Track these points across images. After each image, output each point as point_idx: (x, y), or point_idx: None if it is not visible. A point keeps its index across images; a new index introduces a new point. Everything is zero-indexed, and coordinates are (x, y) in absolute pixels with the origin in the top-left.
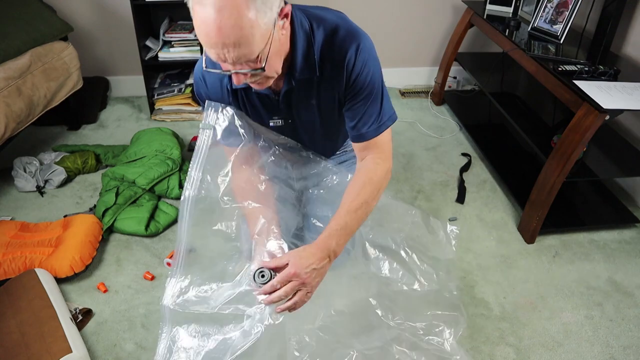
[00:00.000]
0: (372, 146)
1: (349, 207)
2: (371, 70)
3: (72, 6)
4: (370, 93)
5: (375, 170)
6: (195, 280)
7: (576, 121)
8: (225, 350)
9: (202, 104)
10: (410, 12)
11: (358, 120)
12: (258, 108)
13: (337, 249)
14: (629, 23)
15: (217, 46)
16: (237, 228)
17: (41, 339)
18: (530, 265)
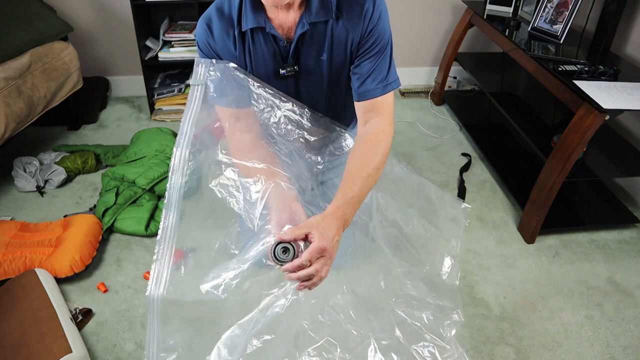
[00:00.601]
0: (378, 107)
1: (359, 174)
2: (386, 24)
3: (72, 6)
4: (383, 48)
5: (382, 134)
6: (189, 262)
7: (576, 121)
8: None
9: (201, 56)
10: (410, 12)
11: (367, 75)
12: (265, 56)
13: (350, 218)
14: (629, 23)
15: None
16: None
17: (41, 339)
18: (530, 265)
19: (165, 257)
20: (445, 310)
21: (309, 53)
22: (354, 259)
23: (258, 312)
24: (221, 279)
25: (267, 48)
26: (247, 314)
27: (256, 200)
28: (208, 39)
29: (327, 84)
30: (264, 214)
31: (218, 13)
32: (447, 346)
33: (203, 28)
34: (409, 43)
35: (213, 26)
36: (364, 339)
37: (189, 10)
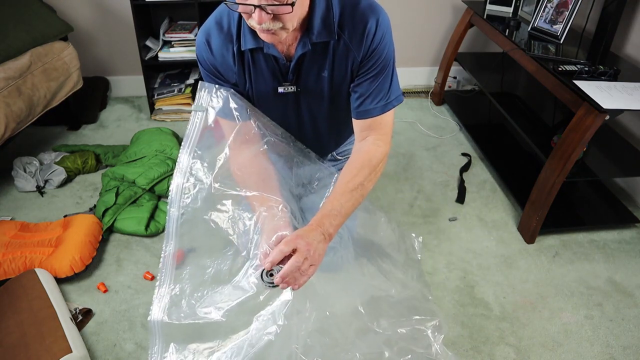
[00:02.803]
0: (376, 126)
1: (344, 188)
2: (388, 44)
3: (72, 6)
4: (384, 68)
5: (375, 152)
6: (187, 287)
7: (576, 121)
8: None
9: (202, 70)
10: (410, 12)
11: (367, 95)
12: (265, 74)
13: (332, 230)
14: (629, 23)
15: None
16: (232, 219)
17: (41, 339)
18: (530, 265)
19: (165, 283)
20: (426, 322)
21: (310, 70)
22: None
23: (249, 338)
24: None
25: (267, 66)
26: (239, 337)
27: (249, 228)
28: (207, 55)
29: (327, 100)
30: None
31: (217, 27)
32: (439, 351)
33: (202, 42)
34: (409, 43)
35: (212, 41)
36: (353, 358)
37: (189, 10)
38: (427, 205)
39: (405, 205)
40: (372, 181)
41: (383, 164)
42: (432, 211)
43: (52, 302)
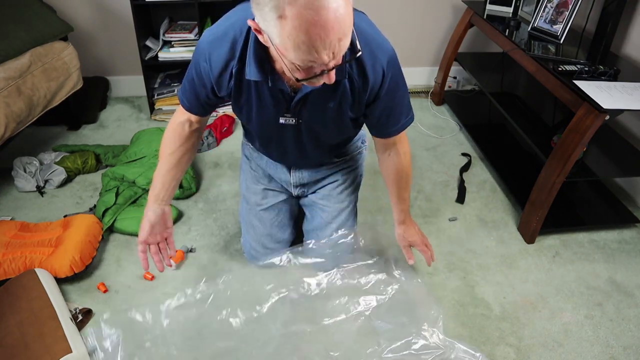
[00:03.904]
0: (397, 140)
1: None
2: (399, 79)
3: (72, 6)
4: (395, 98)
5: (406, 161)
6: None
7: (576, 121)
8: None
9: (192, 72)
10: (410, 12)
11: (382, 123)
12: (267, 103)
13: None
14: (629, 23)
15: (331, 44)
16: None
17: (41, 338)
18: (530, 265)
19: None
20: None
21: (316, 102)
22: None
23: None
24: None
25: (270, 95)
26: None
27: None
28: (205, 64)
29: (332, 126)
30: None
31: (223, 41)
32: (441, 345)
33: (205, 50)
34: (409, 43)
35: (214, 54)
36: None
37: (189, 10)
38: (427, 205)
39: None
40: (410, 176)
41: (410, 162)
42: (432, 211)
43: (52, 302)
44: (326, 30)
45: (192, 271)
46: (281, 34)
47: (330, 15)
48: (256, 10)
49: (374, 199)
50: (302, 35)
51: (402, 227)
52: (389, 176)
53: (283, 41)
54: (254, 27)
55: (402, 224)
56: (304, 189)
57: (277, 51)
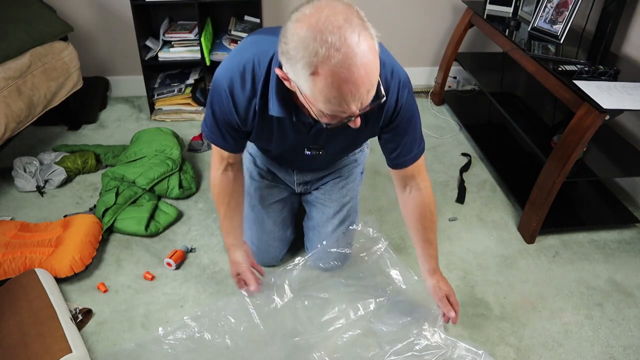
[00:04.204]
0: (414, 172)
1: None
2: (411, 106)
3: (72, 6)
4: (409, 123)
5: (428, 196)
6: None
7: (576, 121)
8: None
9: (216, 114)
10: (410, 12)
11: (399, 150)
12: (289, 133)
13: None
14: (629, 23)
15: (360, 96)
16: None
17: (41, 339)
18: (530, 265)
19: None
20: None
21: (336, 130)
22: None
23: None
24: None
25: (293, 129)
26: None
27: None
28: (229, 105)
29: (350, 145)
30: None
31: (241, 79)
32: (443, 344)
33: (225, 91)
34: (409, 43)
35: (236, 93)
36: None
37: (189, 10)
38: None
39: None
40: (435, 214)
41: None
42: None
43: (52, 302)
44: (357, 86)
45: (192, 271)
46: (312, 88)
47: (361, 71)
48: (286, 63)
49: (374, 199)
50: (334, 91)
51: (435, 277)
52: (412, 215)
53: (314, 94)
54: (281, 76)
55: (435, 273)
56: (307, 186)
57: (304, 99)
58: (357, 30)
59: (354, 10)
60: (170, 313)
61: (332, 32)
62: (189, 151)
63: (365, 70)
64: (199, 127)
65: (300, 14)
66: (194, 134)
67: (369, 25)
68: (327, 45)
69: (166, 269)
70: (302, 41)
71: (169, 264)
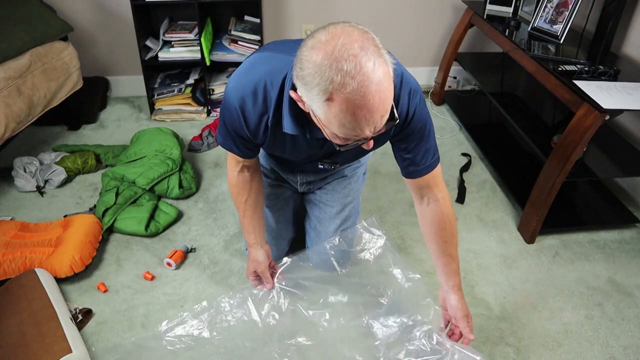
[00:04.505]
0: (430, 182)
1: (451, 250)
2: (423, 114)
3: (72, 6)
4: (423, 133)
5: (446, 208)
6: None
7: (576, 121)
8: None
9: (228, 128)
10: (410, 12)
11: (412, 159)
12: (302, 146)
13: (459, 281)
14: (629, 23)
15: (373, 122)
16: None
17: (41, 339)
18: (530, 265)
19: None
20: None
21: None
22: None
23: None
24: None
25: (306, 143)
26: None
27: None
28: (240, 122)
29: (358, 154)
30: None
31: (252, 97)
32: (441, 349)
33: (235, 109)
34: (409, 43)
35: (247, 110)
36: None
37: (189, 10)
38: None
39: (405, 205)
40: (455, 227)
41: (452, 209)
42: None
43: (52, 302)
44: (371, 112)
45: (192, 271)
46: (327, 113)
47: (376, 99)
48: (302, 87)
49: (374, 199)
50: (349, 117)
51: (459, 294)
52: (430, 227)
53: (328, 119)
54: (296, 98)
55: (459, 290)
56: (310, 186)
57: (318, 122)
58: (372, 58)
59: (369, 37)
60: (170, 313)
61: (348, 59)
62: (189, 151)
63: (380, 97)
64: (199, 127)
65: (316, 40)
66: (194, 134)
67: (384, 52)
68: (342, 73)
69: (166, 269)
70: (317, 68)
71: (169, 264)
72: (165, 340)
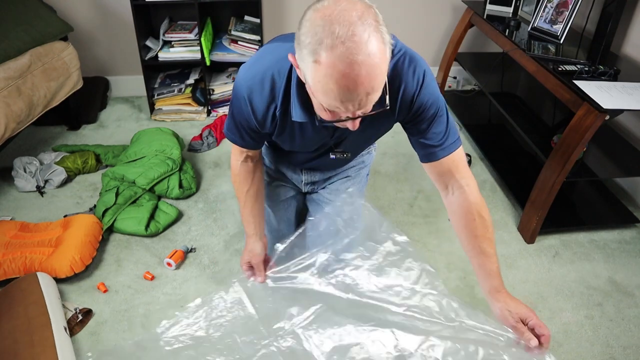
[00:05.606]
0: (451, 167)
1: (489, 247)
2: (433, 93)
3: (72, 6)
4: (434, 114)
5: (474, 196)
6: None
7: (576, 121)
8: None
9: (235, 118)
10: (410, 12)
11: (427, 141)
12: (310, 135)
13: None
14: (629, 23)
15: (355, 98)
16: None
17: (31, 347)
18: (530, 265)
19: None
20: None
21: (358, 131)
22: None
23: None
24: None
25: (315, 131)
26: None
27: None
28: (247, 111)
29: (366, 142)
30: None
31: (260, 85)
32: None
33: (244, 98)
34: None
35: (254, 100)
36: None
37: (189, 10)
38: (427, 205)
39: (405, 205)
40: (488, 216)
41: (480, 198)
42: (432, 211)
43: (49, 310)
44: (355, 85)
45: (192, 271)
46: (314, 76)
47: (362, 71)
48: (296, 48)
49: (374, 199)
50: (332, 84)
51: (502, 299)
52: (458, 220)
53: (314, 83)
54: (292, 62)
55: (499, 292)
56: (314, 186)
57: (309, 89)
58: (368, 30)
59: (372, 11)
60: (170, 313)
61: (342, 24)
62: (189, 151)
63: (367, 71)
64: (199, 127)
65: (320, 4)
66: (194, 134)
67: (383, 30)
68: (333, 36)
69: (166, 269)
70: (312, 28)
71: (169, 264)
72: (163, 341)
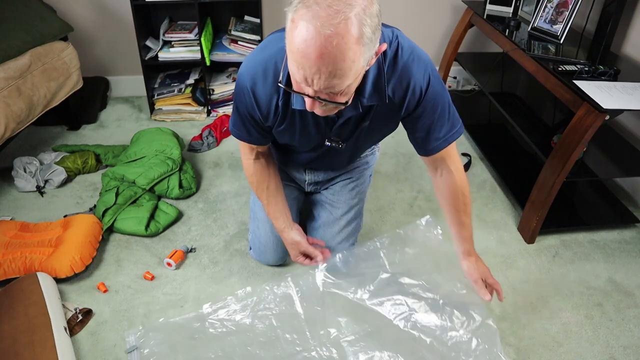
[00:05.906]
0: (444, 155)
1: (463, 220)
2: (437, 90)
3: (72, 6)
4: (435, 110)
5: (460, 178)
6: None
7: (576, 121)
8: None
9: (239, 111)
10: (410, 12)
11: (425, 137)
12: (311, 128)
13: (473, 247)
14: (629, 23)
15: (310, 69)
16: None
17: (31, 347)
18: (530, 265)
19: None
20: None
21: (356, 124)
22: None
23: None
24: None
25: (314, 121)
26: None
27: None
28: (251, 102)
29: (370, 140)
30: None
31: (263, 75)
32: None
33: (247, 89)
34: None
35: (258, 91)
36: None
37: (189, 10)
38: (427, 205)
39: (405, 205)
40: (469, 195)
41: (465, 179)
42: (432, 211)
43: (49, 310)
44: (313, 58)
45: (192, 271)
46: (287, 34)
47: (325, 47)
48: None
49: (374, 199)
50: (295, 47)
51: (470, 259)
52: (444, 197)
53: (288, 44)
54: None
55: (469, 255)
56: (317, 187)
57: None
58: (350, 12)
59: (370, 2)
60: (170, 313)
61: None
62: (189, 151)
63: (329, 49)
64: (199, 127)
65: None
66: (194, 134)
67: (366, 19)
68: (311, 2)
69: (166, 269)
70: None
71: (169, 264)
72: (208, 322)
